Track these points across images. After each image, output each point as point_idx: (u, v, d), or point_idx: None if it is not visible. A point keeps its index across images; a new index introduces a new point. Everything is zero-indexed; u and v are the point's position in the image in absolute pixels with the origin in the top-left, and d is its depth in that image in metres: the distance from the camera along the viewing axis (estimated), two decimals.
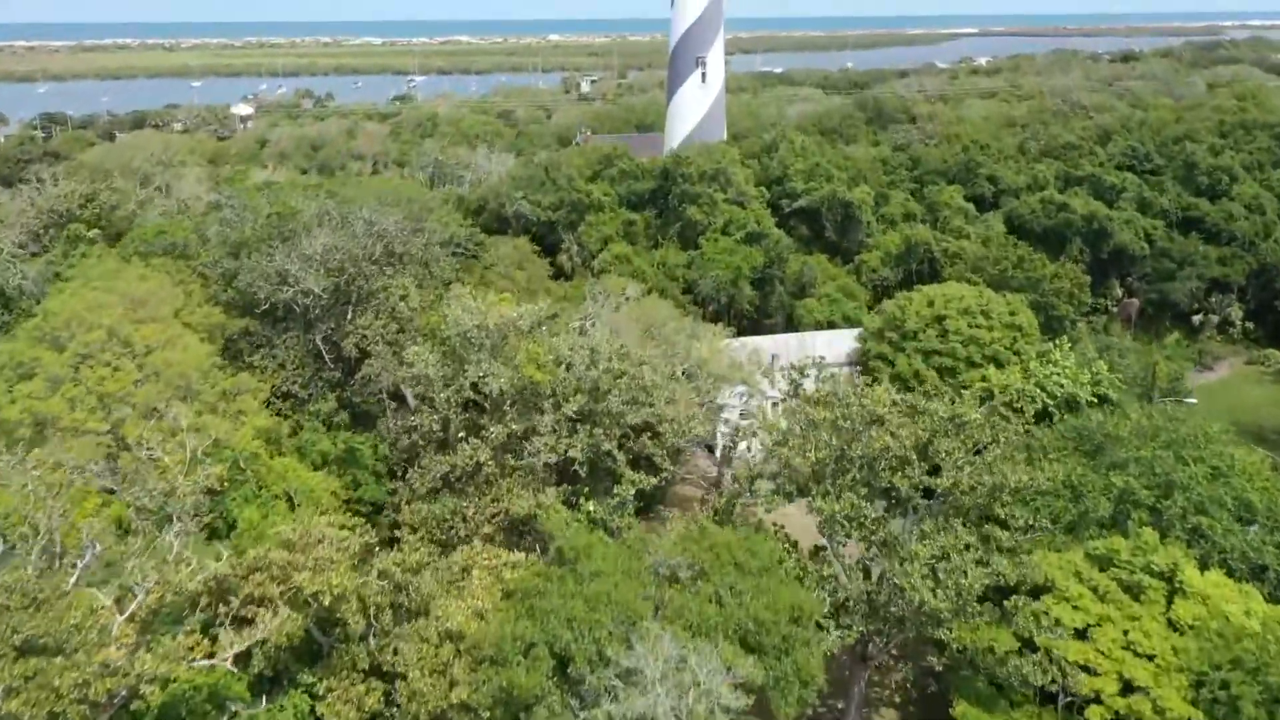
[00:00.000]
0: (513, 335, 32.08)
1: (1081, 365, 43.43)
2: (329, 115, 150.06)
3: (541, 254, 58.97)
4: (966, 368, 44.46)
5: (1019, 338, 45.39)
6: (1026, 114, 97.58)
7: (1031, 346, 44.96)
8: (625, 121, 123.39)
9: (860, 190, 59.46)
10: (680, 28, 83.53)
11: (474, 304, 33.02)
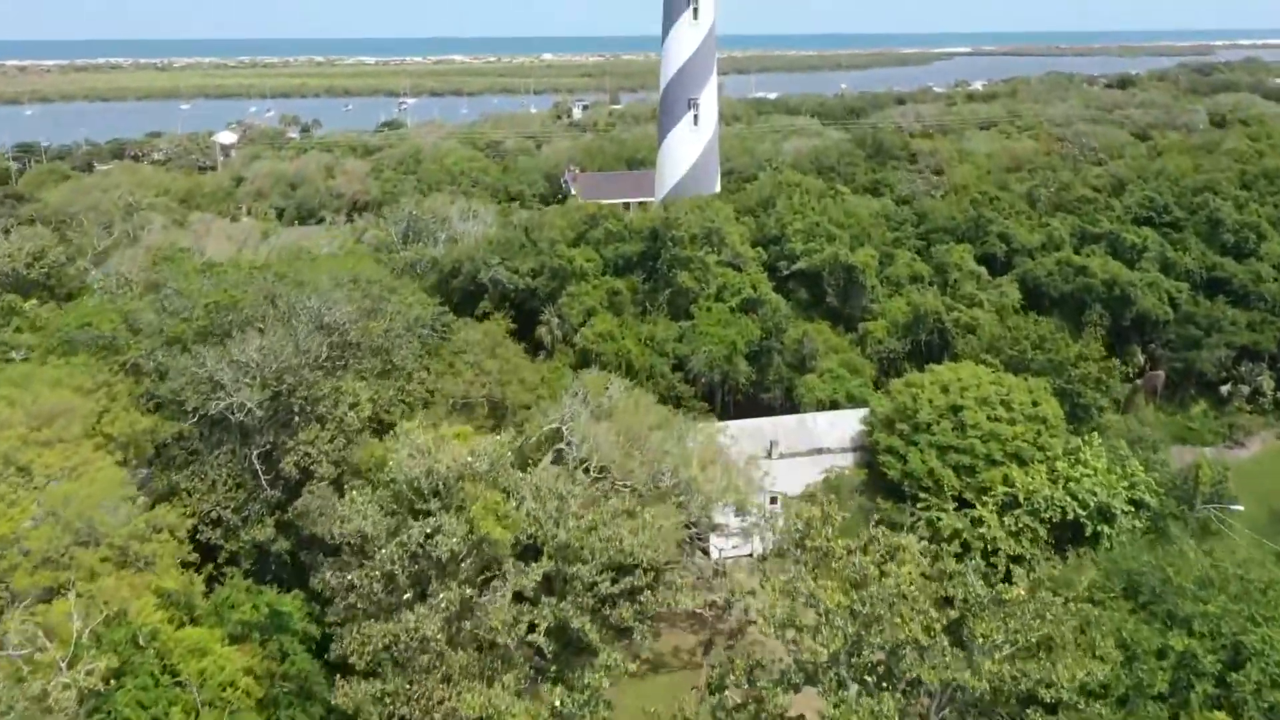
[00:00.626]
0: (469, 481, 27.66)
1: (1113, 463, 39.20)
2: (312, 146, 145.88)
3: (520, 324, 54.56)
4: (986, 466, 40.15)
5: (1043, 431, 41.12)
6: (1032, 153, 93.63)
7: (1057, 440, 40.70)
8: (616, 157, 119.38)
9: (863, 253, 55.19)
10: (671, 68, 79.53)
11: (424, 440, 28.59)
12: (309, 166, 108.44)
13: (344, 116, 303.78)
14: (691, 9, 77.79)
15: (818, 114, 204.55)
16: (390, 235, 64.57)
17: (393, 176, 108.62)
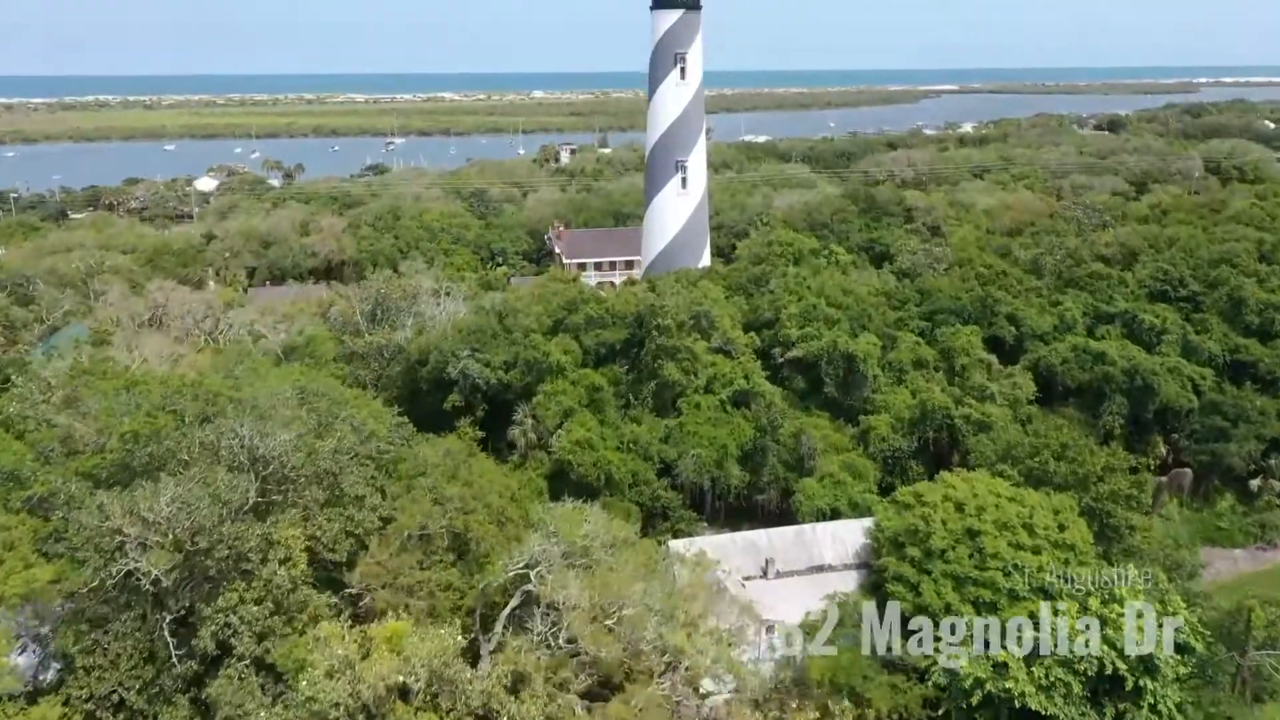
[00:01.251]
0: (399, 710, 23.07)
1: (1151, 598, 34.83)
2: (289, 197, 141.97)
3: (494, 418, 50.12)
4: (1010, 603, 35.79)
5: (1071, 559, 36.82)
6: (1031, 209, 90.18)
7: (1088, 569, 36.35)
8: (602, 212, 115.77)
9: (864, 341, 51.04)
10: (657, 130, 76.05)
11: (346, 652, 23.98)
12: (282, 224, 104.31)
13: (330, 158, 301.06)
14: (678, 69, 74.53)
15: (808, 158, 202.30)
16: (356, 313, 60.18)
17: (370, 234, 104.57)
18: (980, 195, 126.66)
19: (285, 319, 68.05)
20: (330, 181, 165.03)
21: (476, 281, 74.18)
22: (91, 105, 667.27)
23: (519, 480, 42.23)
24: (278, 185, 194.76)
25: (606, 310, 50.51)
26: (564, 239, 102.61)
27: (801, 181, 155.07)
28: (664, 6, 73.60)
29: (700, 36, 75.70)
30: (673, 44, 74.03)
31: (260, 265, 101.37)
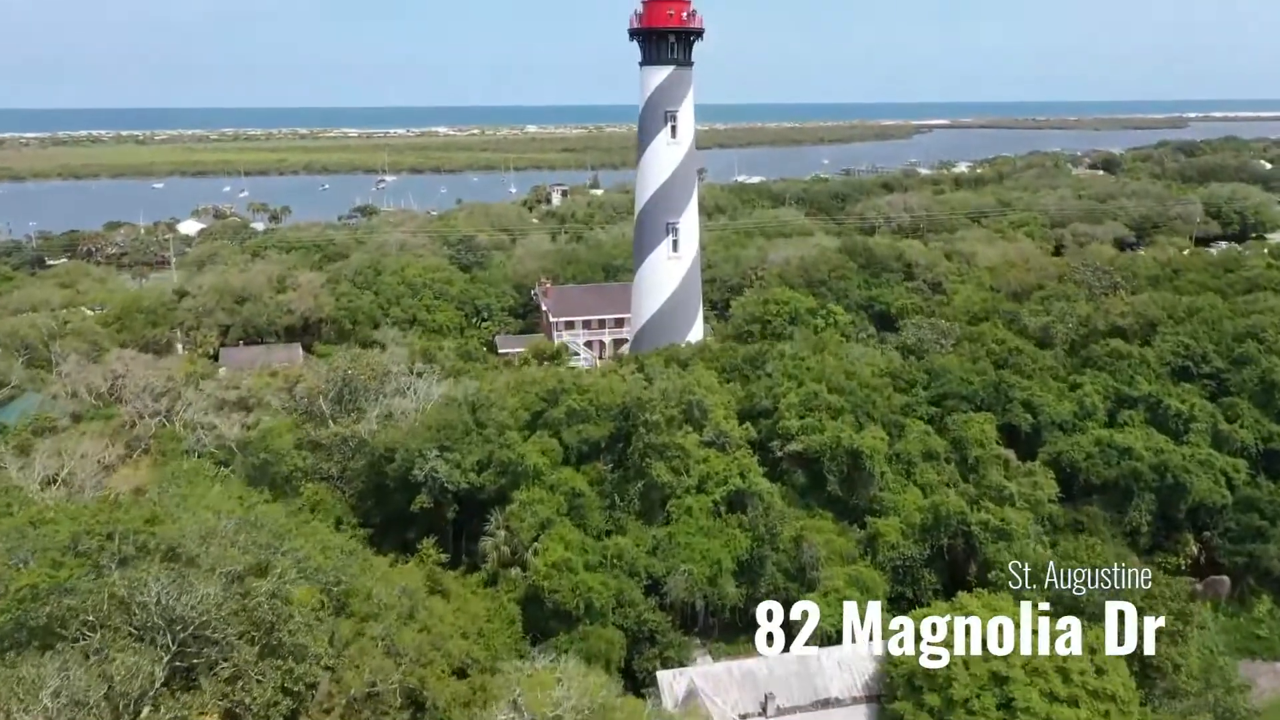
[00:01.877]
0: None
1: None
2: (271, 245, 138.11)
3: (465, 522, 45.71)
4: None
5: (1113, 711, 32.51)
6: (1035, 264, 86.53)
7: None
8: (592, 265, 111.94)
9: (870, 436, 46.85)
10: (647, 190, 72.32)
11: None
12: (258, 280, 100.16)
13: (320, 197, 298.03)
14: (669, 127, 70.97)
15: (803, 200, 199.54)
16: (322, 393, 55.78)
17: (349, 291, 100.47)
18: (980, 245, 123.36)
19: (249, 396, 63.80)
20: (315, 227, 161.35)
21: (455, 351, 69.93)
22: (84, 140, 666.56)
23: (489, 606, 37.71)
24: (262, 229, 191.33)
25: (590, 402, 46.23)
26: (551, 296, 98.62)
27: (797, 228, 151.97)
28: (654, 63, 70.16)
29: (692, 93, 72.30)
30: (663, 101, 70.52)
31: (234, 323, 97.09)
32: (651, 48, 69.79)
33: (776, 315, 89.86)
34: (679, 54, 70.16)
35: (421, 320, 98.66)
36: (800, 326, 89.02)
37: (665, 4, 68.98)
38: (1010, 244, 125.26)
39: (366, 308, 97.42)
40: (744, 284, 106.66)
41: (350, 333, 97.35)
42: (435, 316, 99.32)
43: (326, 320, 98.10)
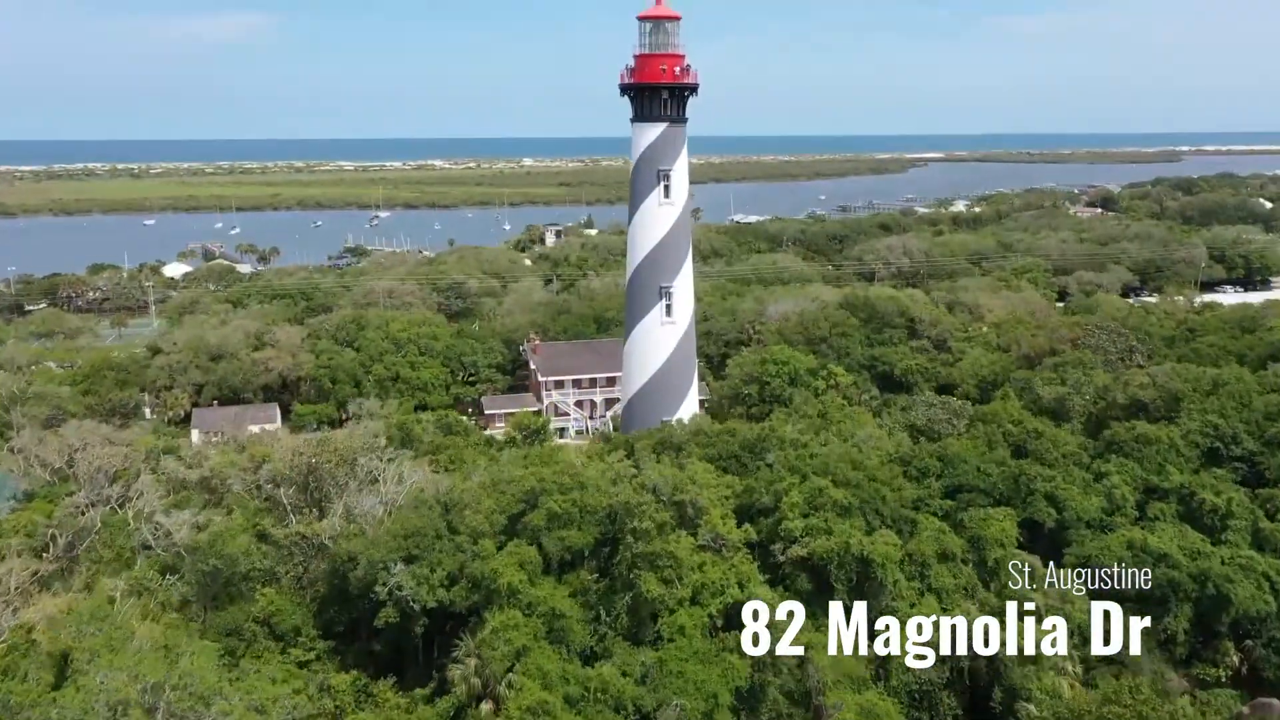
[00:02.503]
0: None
1: None
2: (254, 291, 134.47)
3: (434, 639, 41.31)
4: None
5: None
6: (1048, 334, 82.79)
7: None
8: (584, 318, 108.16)
9: (881, 541, 42.63)
10: (638, 253, 68.59)
11: None
12: (234, 336, 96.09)
13: (312, 235, 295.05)
14: (662, 186, 67.34)
15: (800, 241, 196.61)
16: (288, 480, 51.52)
17: (329, 348, 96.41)
18: (984, 294, 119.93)
19: (212, 476, 59.51)
20: (301, 271, 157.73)
21: (434, 424, 65.66)
22: (79, 173, 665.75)
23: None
24: (250, 270, 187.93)
25: (573, 503, 42.01)
26: (540, 353, 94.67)
27: (795, 274, 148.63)
28: (645, 120, 66.65)
29: (685, 150, 68.78)
30: (655, 160, 66.96)
31: (209, 382, 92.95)
32: (643, 104, 66.36)
33: (775, 376, 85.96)
34: (672, 111, 66.73)
35: (405, 378, 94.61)
36: (800, 388, 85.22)
37: (658, 59, 65.66)
38: (1014, 294, 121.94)
39: (347, 365, 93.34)
40: (741, 338, 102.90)
41: (330, 391, 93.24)
42: (419, 374, 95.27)
43: (305, 378, 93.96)
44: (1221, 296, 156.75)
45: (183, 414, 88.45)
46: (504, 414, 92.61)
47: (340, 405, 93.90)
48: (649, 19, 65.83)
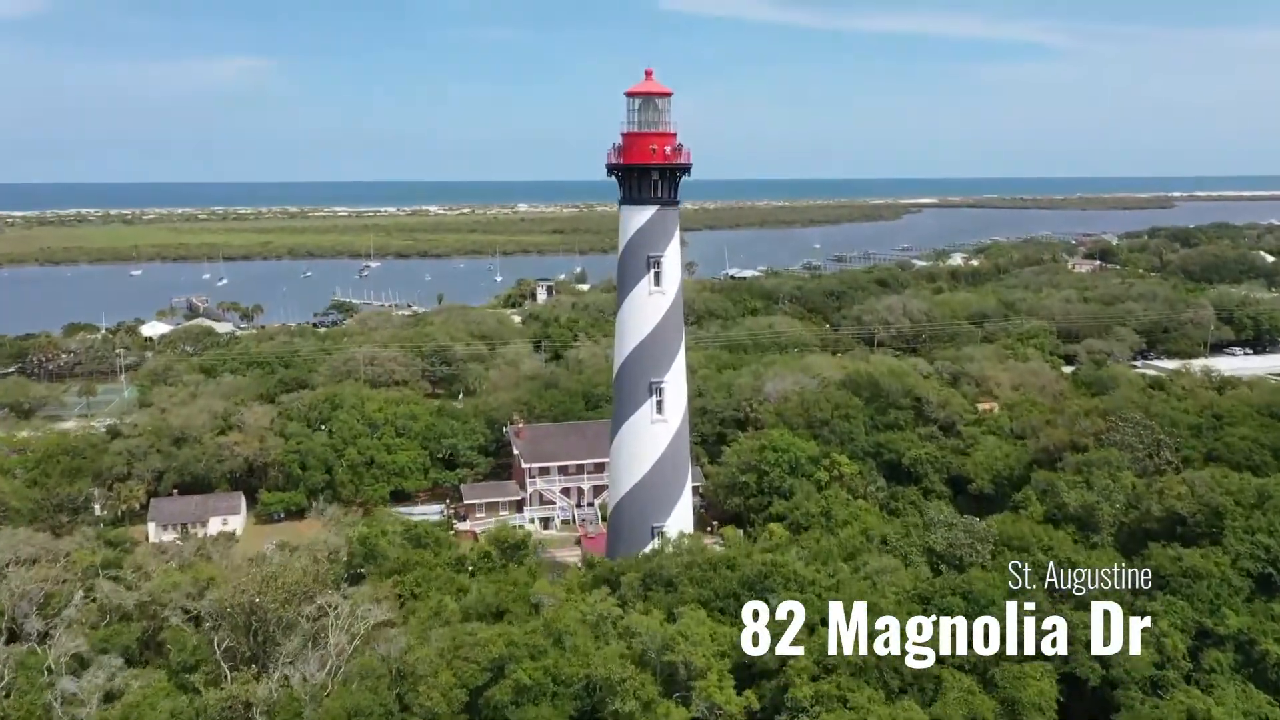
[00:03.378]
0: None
1: None
2: (229, 360, 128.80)
3: None
4: None
5: None
6: (1067, 425, 77.36)
7: None
8: (571, 394, 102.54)
9: (904, 711, 36.64)
10: (626, 346, 63.20)
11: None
12: (198, 419, 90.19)
13: (300, 286, 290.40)
14: (652, 274, 62.10)
15: (796, 298, 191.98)
16: (225, 614, 45.47)
17: (299, 431, 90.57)
18: (990, 365, 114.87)
19: (151, 601, 53.47)
20: (282, 334, 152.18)
21: (402, 534, 59.61)
22: (71, 219, 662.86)
23: None
24: (231, 330, 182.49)
25: (545, 673, 36.07)
26: (524, 438, 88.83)
27: (792, 338, 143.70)
28: (634, 203, 61.64)
29: (678, 234, 63.77)
30: (645, 245, 61.84)
31: (170, 468, 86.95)
32: (632, 186, 61.41)
33: (775, 465, 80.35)
34: (663, 193, 61.77)
35: (380, 462, 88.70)
36: (801, 479, 79.63)
37: (647, 138, 60.84)
38: (1022, 363, 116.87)
39: (318, 451, 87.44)
40: (738, 416, 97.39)
41: (300, 478, 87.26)
42: (396, 457, 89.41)
43: (273, 464, 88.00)
44: (1232, 360, 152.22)
45: (138, 506, 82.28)
46: (484, 504, 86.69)
47: (310, 493, 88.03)
48: (638, 95, 61.17)
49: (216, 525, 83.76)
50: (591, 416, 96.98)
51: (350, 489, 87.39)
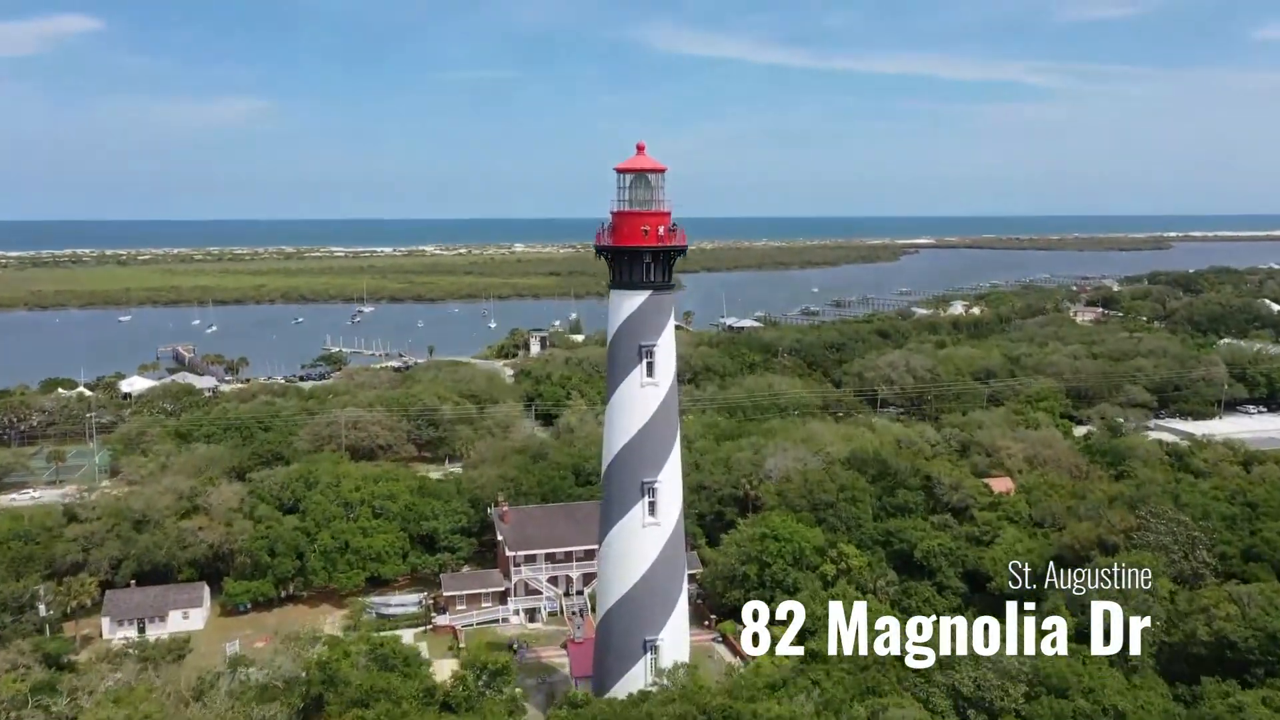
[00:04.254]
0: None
1: None
2: (204, 425, 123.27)
3: None
4: None
5: None
6: (1091, 509, 72.06)
7: None
8: (561, 467, 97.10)
9: None
10: (617, 441, 57.85)
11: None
12: (161, 500, 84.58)
13: (290, 334, 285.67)
14: (644, 364, 56.94)
15: (796, 351, 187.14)
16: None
17: (269, 513, 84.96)
18: (1000, 433, 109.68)
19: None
20: (263, 395, 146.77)
21: (368, 657, 53.80)
22: (66, 260, 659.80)
23: None
24: (214, 384, 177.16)
25: None
26: (509, 521, 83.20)
27: (792, 399, 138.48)
28: (625, 287, 56.66)
29: (672, 320, 58.82)
30: (636, 333, 56.73)
31: (129, 555, 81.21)
32: (622, 270, 56.50)
33: (777, 556, 74.78)
34: (657, 276, 56.86)
35: (355, 547, 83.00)
36: (805, 571, 74.13)
37: (639, 218, 56.02)
38: (1034, 432, 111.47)
39: (288, 536, 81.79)
40: (737, 494, 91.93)
41: (269, 566, 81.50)
42: (372, 541, 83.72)
43: (240, 551, 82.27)
44: (1249, 420, 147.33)
45: (92, 600, 76.34)
46: (465, 595, 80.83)
47: (279, 582, 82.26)
48: (629, 172, 56.49)
49: (176, 620, 77.98)
50: (582, 495, 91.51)
51: (323, 576, 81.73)
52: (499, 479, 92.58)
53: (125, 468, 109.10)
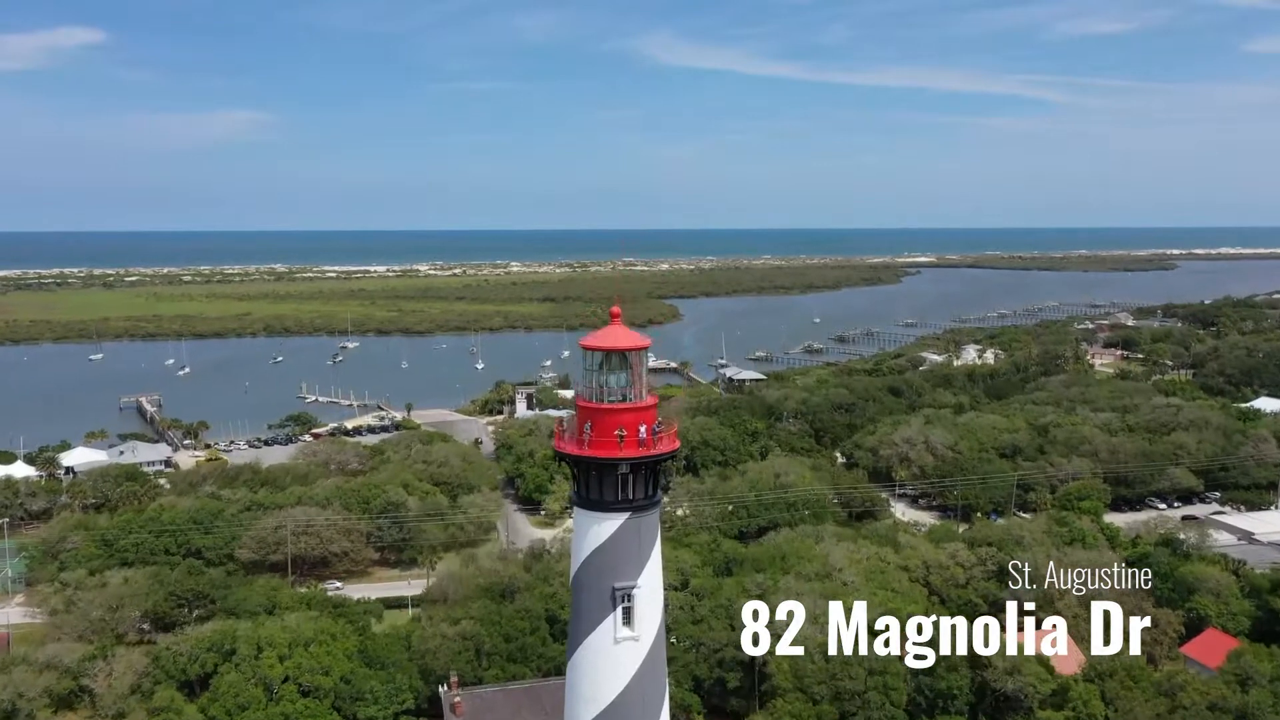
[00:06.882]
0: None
1: None
2: (154, 517, 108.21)
3: None
4: None
5: None
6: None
7: None
8: (532, 615, 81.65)
9: None
10: (579, 716, 42.57)
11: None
12: (36, 684, 69.07)
13: (264, 376, 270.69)
14: (620, 610, 41.47)
15: (802, 414, 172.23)
16: None
17: (167, 700, 69.19)
18: (1043, 554, 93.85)
19: None
20: (208, 485, 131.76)
21: None
22: (52, 281, 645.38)
23: None
24: (166, 458, 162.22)
25: None
26: (461, 713, 67.84)
27: (800, 494, 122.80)
28: (591, 508, 41.04)
29: (659, 544, 43.44)
30: (608, 571, 40.80)
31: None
32: (589, 484, 40.87)
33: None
34: (636, 492, 41.17)
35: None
36: None
37: (614, 415, 40.63)
38: (1084, 552, 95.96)
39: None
40: (740, 658, 76.78)
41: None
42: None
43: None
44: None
45: None
46: None
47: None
48: (598, 350, 41.30)
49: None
50: (555, 656, 76.36)
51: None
52: (457, 638, 77.32)
53: (30, 599, 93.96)
